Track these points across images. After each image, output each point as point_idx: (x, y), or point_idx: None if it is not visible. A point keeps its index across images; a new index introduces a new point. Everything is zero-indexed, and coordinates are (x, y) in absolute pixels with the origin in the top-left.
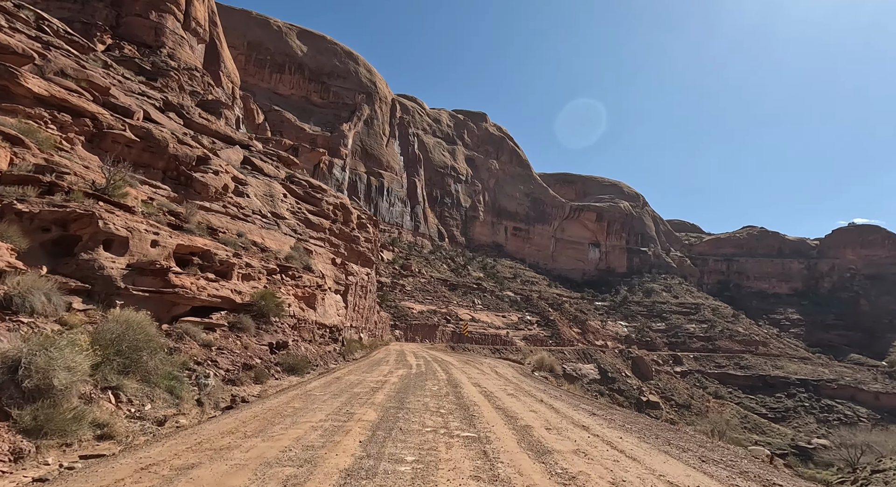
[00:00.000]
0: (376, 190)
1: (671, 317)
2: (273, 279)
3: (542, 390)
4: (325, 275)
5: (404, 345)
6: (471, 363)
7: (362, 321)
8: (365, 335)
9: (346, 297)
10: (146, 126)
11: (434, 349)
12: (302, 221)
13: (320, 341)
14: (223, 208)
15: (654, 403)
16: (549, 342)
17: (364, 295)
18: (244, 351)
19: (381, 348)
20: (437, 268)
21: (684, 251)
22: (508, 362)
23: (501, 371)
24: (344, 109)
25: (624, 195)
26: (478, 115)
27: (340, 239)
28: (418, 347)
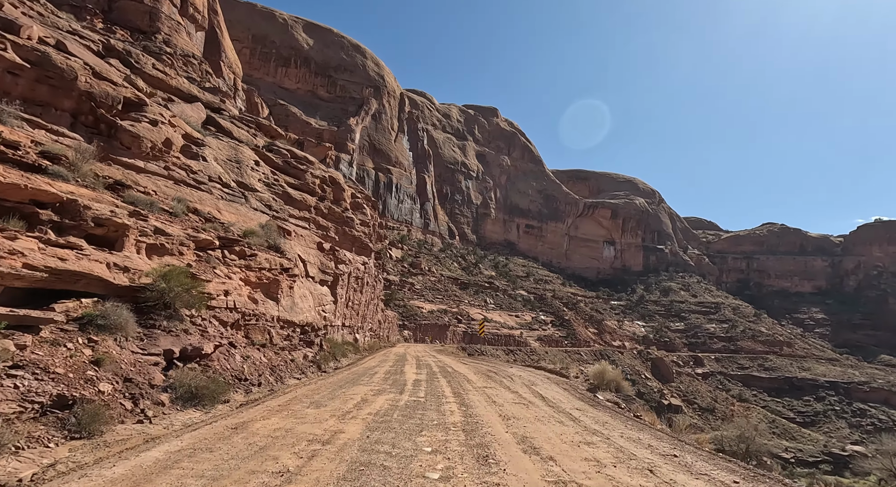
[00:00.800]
0: (384, 186)
1: (690, 317)
2: (207, 257)
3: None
4: (306, 261)
5: (410, 347)
6: (494, 375)
7: (358, 318)
8: (362, 336)
9: (336, 289)
10: (43, 49)
11: (444, 353)
12: (279, 195)
13: (283, 344)
14: (164, 169)
15: (676, 406)
16: (564, 343)
17: (360, 288)
18: (95, 370)
19: (381, 351)
20: (448, 266)
21: (702, 249)
22: (545, 373)
23: (549, 395)
24: (351, 104)
25: (639, 192)
26: (489, 110)
27: (330, 220)
28: (426, 349)
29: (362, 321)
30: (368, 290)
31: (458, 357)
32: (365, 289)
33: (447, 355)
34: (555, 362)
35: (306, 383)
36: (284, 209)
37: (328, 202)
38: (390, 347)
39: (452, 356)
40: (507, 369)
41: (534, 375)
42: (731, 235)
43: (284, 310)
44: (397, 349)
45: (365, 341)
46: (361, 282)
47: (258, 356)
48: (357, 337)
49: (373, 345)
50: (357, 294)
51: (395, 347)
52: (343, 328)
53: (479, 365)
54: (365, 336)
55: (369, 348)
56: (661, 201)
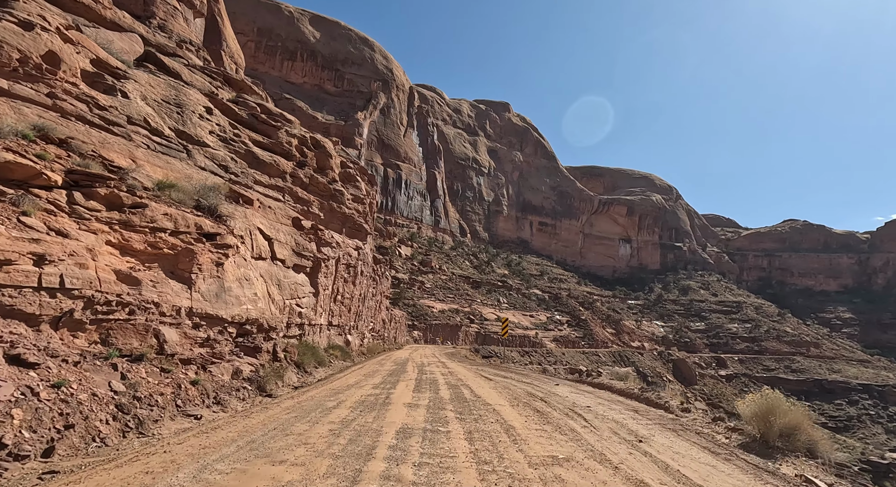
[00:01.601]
0: (394, 182)
1: (711, 316)
2: (35, 204)
3: None
4: (273, 239)
5: (417, 350)
6: (544, 406)
7: (350, 316)
8: (357, 337)
9: (317, 277)
10: None
11: (456, 358)
12: (241, 155)
13: (193, 354)
14: (49, 98)
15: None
16: (581, 344)
17: (352, 279)
18: None
19: (379, 356)
20: (459, 265)
21: (721, 247)
22: (620, 398)
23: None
24: (359, 98)
25: (655, 188)
26: (500, 104)
27: (312, 193)
28: (435, 352)
29: (356, 320)
30: (365, 282)
31: (472, 363)
32: (359, 280)
33: (459, 360)
34: (576, 363)
35: (198, 430)
36: (248, 173)
37: (310, 170)
38: (395, 349)
39: (466, 362)
40: (553, 388)
41: (608, 403)
42: (751, 232)
43: (204, 299)
44: (401, 352)
45: (363, 343)
46: (354, 271)
47: (101, 384)
48: (350, 339)
49: (373, 348)
50: (348, 286)
51: (400, 350)
52: (330, 327)
53: (507, 380)
54: (363, 338)
55: (368, 351)
56: (678, 198)
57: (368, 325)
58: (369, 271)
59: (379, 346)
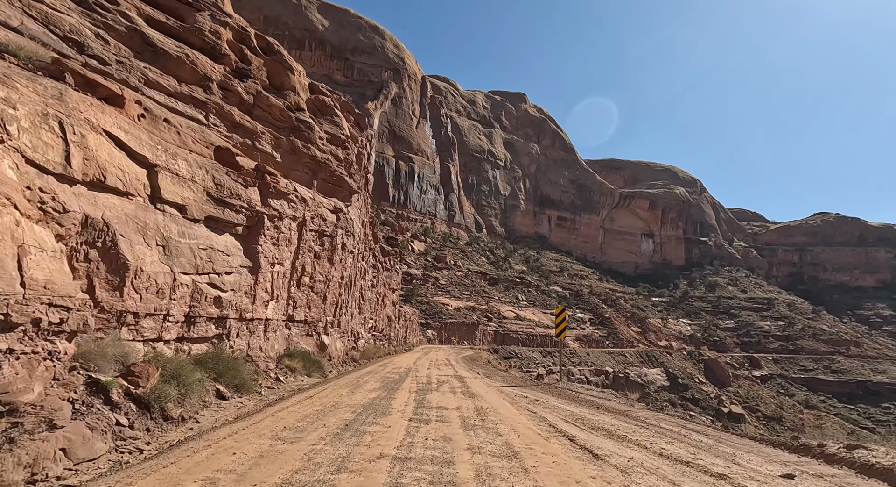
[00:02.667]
0: (406, 176)
1: (741, 314)
2: None
3: None
4: (153, 165)
5: (429, 353)
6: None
7: (324, 307)
8: (338, 339)
9: (257, 243)
10: None
11: (477, 364)
12: (119, 34)
13: None
14: None
15: (738, 415)
16: (605, 343)
17: (327, 253)
18: None
19: (371, 364)
20: (475, 260)
21: (748, 241)
22: (747, 440)
23: None
24: (369, 88)
25: (679, 181)
26: (516, 95)
27: (261, 120)
28: (450, 357)
29: (338, 313)
30: (352, 261)
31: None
32: (341, 256)
33: (483, 369)
34: (601, 364)
35: None
36: (132, 66)
37: (257, 85)
38: (402, 352)
39: (495, 373)
40: (649, 420)
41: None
42: (780, 225)
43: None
44: (406, 358)
45: (357, 345)
46: (331, 243)
47: None
48: (325, 341)
49: (370, 351)
50: (322, 263)
51: (408, 352)
52: (290, 324)
53: (626, 447)
54: (354, 338)
55: (363, 355)
56: (702, 191)
57: (366, 322)
58: (360, 248)
59: (381, 348)
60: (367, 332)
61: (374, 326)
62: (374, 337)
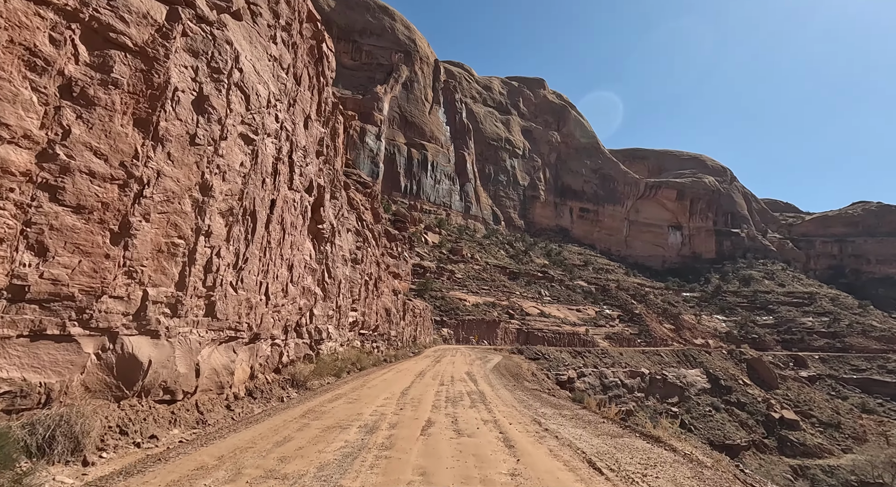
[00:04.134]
0: (419, 164)
1: (780, 309)
2: None
3: None
4: None
5: (443, 358)
6: None
7: (283, 301)
8: (274, 352)
9: None
10: None
11: (506, 375)
12: None
13: None
14: None
15: (791, 422)
16: (637, 342)
17: (267, 184)
18: None
19: (338, 387)
20: (494, 254)
21: (783, 233)
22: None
23: None
24: (379, 71)
25: (707, 169)
26: (534, 81)
27: None
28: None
29: (296, 305)
30: (298, 224)
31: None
32: (295, 199)
33: (511, 379)
34: (636, 364)
35: None
36: None
37: None
38: (408, 357)
39: (527, 381)
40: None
41: None
42: (817, 216)
43: None
44: (402, 371)
45: (320, 352)
46: (252, 151)
47: None
48: (236, 358)
49: (344, 361)
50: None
51: (414, 358)
52: (171, 337)
53: None
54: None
55: (327, 369)
56: (732, 180)
57: (343, 314)
58: (311, 174)
59: (372, 355)
60: (347, 330)
61: (362, 322)
62: (364, 338)
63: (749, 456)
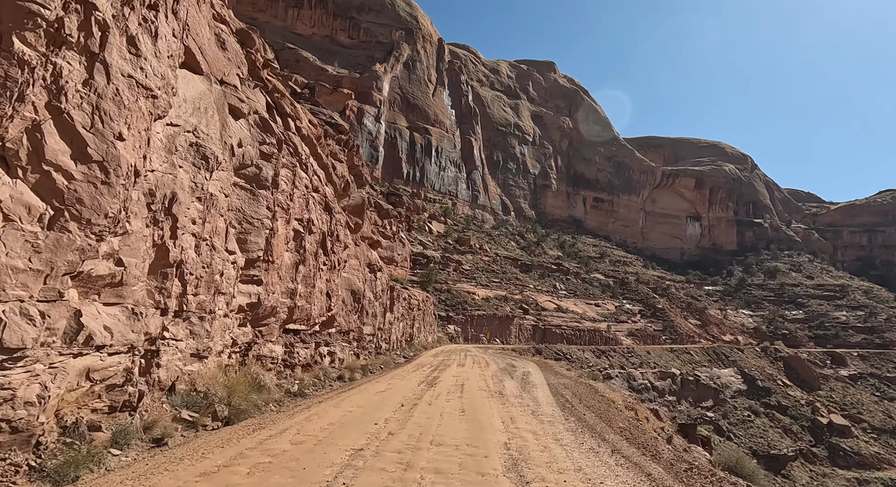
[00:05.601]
0: (422, 150)
1: (810, 303)
2: None
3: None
4: None
5: (441, 376)
6: None
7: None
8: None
9: None
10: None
11: (599, 434)
12: None
13: None
14: None
15: (841, 427)
16: (662, 339)
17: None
18: None
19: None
20: (504, 245)
21: (808, 223)
22: None
23: None
24: (378, 50)
25: (727, 157)
26: (544, 64)
27: None
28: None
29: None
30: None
31: None
32: None
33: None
34: (665, 364)
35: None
36: None
37: None
38: (390, 368)
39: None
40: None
41: None
42: (843, 205)
43: None
44: (387, 383)
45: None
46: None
47: None
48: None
49: (237, 389)
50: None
51: (410, 362)
52: None
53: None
54: None
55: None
56: (754, 168)
57: (209, 291)
58: None
59: (297, 376)
60: (214, 333)
61: (274, 308)
62: (291, 342)
63: (797, 468)
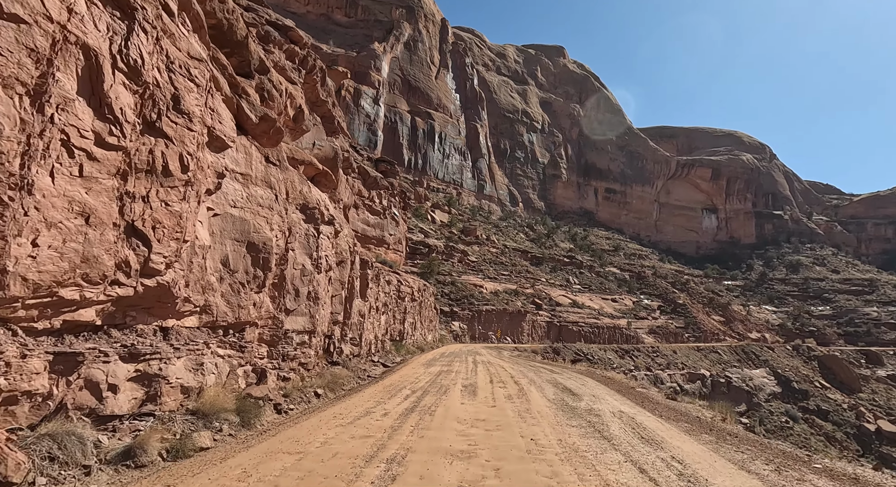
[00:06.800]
0: (425, 135)
1: (837, 298)
2: None
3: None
4: None
5: (441, 399)
6: None
7: None
8: None
9: None
10: None
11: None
12: None
13: None
14: None
15: (892, 435)
16: (685, 336)
17: None
18: None
19: None
20: (513, 237)
21: (829, 215)
22: None
23: None
24: (377, 29)
25: (744, 146)
26: (553, 49)
27: None
28: (518, 415)
29: None
30: None
31: None
32: None
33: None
34: (693, 364)
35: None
36: None
37: None
38: (380, 375)
39: None
40: None
41: None
42: (867, 196)
43: None
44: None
45: None
46: None
47: None
48: None
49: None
50: None
51: (392, 373)
52: None
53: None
54: None
55: None
56: (772, 157)
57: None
58: None
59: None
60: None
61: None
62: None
63: None
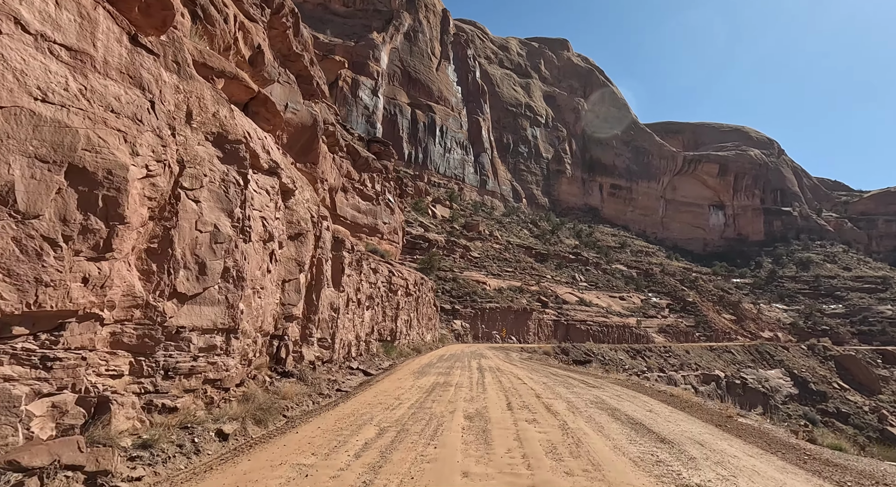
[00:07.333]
0: (425, 128)
1: (849, 296)
2: None
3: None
4: None
5: (442, 430)
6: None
7: None
8: None
9: None
10: None
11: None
12: None
13: None
14: None
15: None
16: (696, 336)
17: None
18: None
19: None
20: (516, 233)
21: (839, 211)
22: None
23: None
24: (376, 18)
25: (752, 142)
26: (557, 42)
27: None
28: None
29: None
30: None
31: None
32: None
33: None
34: (707, 365)
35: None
36: None
37: None
38: (353, 390)
39: None
40: None
41: None
42: (877, 192)
43: None
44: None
45: None
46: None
47: None
48: None
49: None
50: None
51: (370, 387)
52: None
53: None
54: None
55: None
56: (780, 153)
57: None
58: None
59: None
60: None
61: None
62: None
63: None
